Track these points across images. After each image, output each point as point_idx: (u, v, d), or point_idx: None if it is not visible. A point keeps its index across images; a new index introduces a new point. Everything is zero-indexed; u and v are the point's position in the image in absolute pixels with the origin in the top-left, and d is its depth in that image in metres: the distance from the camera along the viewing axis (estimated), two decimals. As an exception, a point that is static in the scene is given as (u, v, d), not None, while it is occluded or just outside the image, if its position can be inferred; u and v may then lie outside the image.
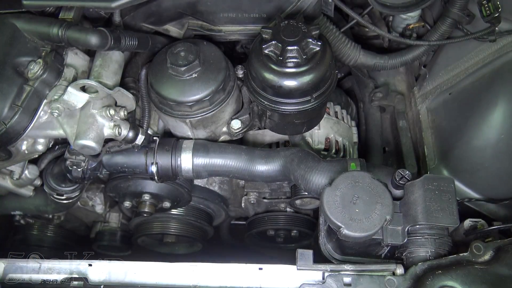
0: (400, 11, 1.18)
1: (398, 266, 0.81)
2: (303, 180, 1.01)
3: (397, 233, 0.82)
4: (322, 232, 0.94)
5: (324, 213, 0.81)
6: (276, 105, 1.01)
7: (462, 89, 1.27)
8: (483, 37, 1.15)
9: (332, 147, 1.26)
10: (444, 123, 1.34)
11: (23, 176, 1.20)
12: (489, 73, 1.18)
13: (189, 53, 1.05)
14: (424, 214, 0.80)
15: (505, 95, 1.12)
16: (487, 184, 1.21)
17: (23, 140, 1.06)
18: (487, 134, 1.16)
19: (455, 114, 1.29)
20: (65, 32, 0.98)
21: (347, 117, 1.38)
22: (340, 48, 1.28)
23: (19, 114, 0.96)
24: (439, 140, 1.34)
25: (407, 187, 0.85)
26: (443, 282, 0.75)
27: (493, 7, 1.09)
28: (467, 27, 1.20)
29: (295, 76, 0.95)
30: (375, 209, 0.79)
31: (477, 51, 1.22)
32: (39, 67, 0.98)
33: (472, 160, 1.22)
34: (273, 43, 0.93)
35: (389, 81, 1.57)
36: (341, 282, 0.79)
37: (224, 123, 1.17)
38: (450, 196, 0.82)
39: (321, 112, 1.17)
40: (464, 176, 1.23)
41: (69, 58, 1.06)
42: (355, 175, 0.84)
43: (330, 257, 0.93)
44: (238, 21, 1.21)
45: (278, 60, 0.95)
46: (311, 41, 0.93)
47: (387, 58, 1.34)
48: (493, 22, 1.10)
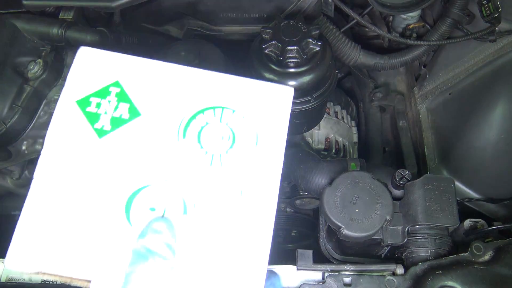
0: (400, 11, 1.18)
1: (398, 266, 0.81)
2: (303, 180, 1.01)
3: (397, 233, 0.82)
4: (322, 232, 0.94)
5: (324, 213, 0.81)
6: (276, 105, 1.01)
7: (462, 89, 1.27)
8: (483, 37, 1.15)
9: (332, 147, 1.26)
10: (444, 123, 1.34)
11: (23, 176, 1.20)
12: (489, 73, 1.18)
13: (189, 53, 1.05)
14: (424, 214, 0.80)
15: (505, 95, 1.12)
16: (487, 184, 1.21)
17: (23, 140, 1.06)
18: (487, 134, 1.16)
19: (455, 114, 1.29)
20: (65, 32, 0.98)
21: (347, 117, 1.38)
22: (340, 48, 1.28)
23: (19, 114, 0.96)
24: (439, 140, 1.34)
25: (407, 187, 0.85)
26: (443, 282, 0.75)
27: (493, 7, 1.09)
28: (467, 27, 1.20)
29: (295, 76, 0.95)
30: (375, 209, 0.79)
31: (477, 51, 1.22)
32: (39, 67, 0.98)
33: (472, 160, 1.22)
34: (273, 43, 0.93)
35: (389, 81, 1.57)
36: (341, 282, 0.79)
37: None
38: (450, 196, 0.82)
39: (321, 112, 1.17)
40: (464, 176, 1.23)
41: (69, 58, 1.06)
42: (355, 175, 0.84)
43: (330, 257, 0.93)
44: (238, 21, 1.21)
45: (278, 60, 0.95)
46: (311, 41, 0.93)
47: (387, 58, 1.34)
48: (493, 22, 1.10)
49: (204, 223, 0.58)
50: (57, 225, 0.56)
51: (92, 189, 0.58)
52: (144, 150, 0.60)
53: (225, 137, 0.62)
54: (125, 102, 0.62)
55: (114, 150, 0.60)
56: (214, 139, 0.62)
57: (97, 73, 0.63)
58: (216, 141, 0.62)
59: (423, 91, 1.42)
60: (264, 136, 0.63)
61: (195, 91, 0.64)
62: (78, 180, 0.58)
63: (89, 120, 0.61)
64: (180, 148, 0.61)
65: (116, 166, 0.59)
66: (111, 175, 0.59)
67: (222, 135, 0.62)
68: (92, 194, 0.58)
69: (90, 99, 0.62)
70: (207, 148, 0.61)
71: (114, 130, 0.61)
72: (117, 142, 0.60)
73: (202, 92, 0.64)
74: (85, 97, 0.62)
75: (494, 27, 1.11)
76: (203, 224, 0.58)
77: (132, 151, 0.60)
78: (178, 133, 0.62)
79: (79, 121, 0.61)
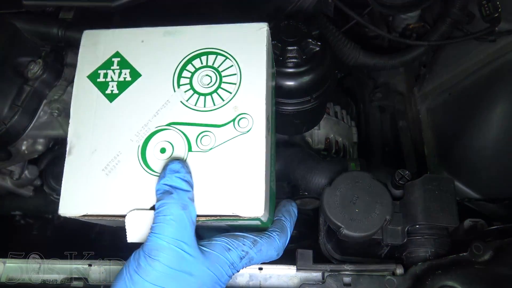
0: (400, 11, 1.18)
1: (398, 266, 0.81)
2: (303, 180, 1.01)
3: (397, 233, 0.82)
4: (322, 232, 0.94)
5: (324, 213, 0.81)
6: (276, 105, 1.01)
7: (462, 89, 1.27)
8: (483, 37, 1.15)
9: (332, 147, 1.26)
10: (444, 123, 1.34)
11: (23, 176, 1.20)
12: (489, 73, 1.18)
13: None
14: (424, 214, 0.80)
15: (505, 95, 1.12)
16: (487, 184, 1.21)
17: (23, 140, 1.06)
18: (487, 134, 1.16)
19: (455, 114, 1.29)
20: (65, 32, 0.98)
21: (347, 117, 1.38)
22: (340, 48, 1.28)
23: (19, 114, 0.97)
24: (439, 140, 1.34)
25: (407, 187, 0.85)
26: (443, 282, 0.75)
27: (493, 7, 1.09)
28: (467, 27, 1.20)
29: (295, 76, 0.95)
30: (375, 209, 0.79)
31: (477, 51, 1.22)
32: (39, 67, 0.98)
33: (472, 160, 1.22)
34: (273, 43, 0.93)
35: (389, 81, 1.57)
36: (341, 282, 0.79)
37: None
38: (450, 196, 0.82)
39: (321, 112, 1.17)
40: (464, 176, 1.23)
41: (69, 58, 1.06)
42: (355, 175, 0.84)
43: (330, 257, 0.93)
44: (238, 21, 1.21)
45: (278, 60, 0.95)
46: (311, 41, 0.93)
47: (387, 58, 1.34)
48: (493, 22, 1.10)
49: (207, 158, 0.68)
50: (92, 176, 0.69)
51: (111, 143, 0.70)
52: (148, 103, 0.71)
53: (213, 78, 0.72)
54: (127, 68, 0.74)
55: (124, 108, 0.72)
56: (204, 82, 0.72)
57: (100, 48, 0.76)
58: (206, 84, 0.72)
59: (423, 91, 1.42)
60: (247, 70, 0.72)
61: (181, 44, 0.74)
62: (99, 138, 0.71)
63: (100, 89, 0.73)
64: (177, 96, 0.71)
65: (127, 120, 0.71)
66: (125, 128, 0.71)
67: (210, 77, 0.72)
68: (112, 147, 0.70)
69: (98, 71, 0.74)
70: (200, 90, 0.71)
71: (122, 92, 0.73)
72: (126, 102, 0.72)
73: (187, 45, 0.74)
74: (93, 71, 0.74)
75: (494, 27, 1.12)
76: (207, 159, 0.68)
77: (139, 106, 0.71)
78: (173, 84, 0.72)
79: (92, 92, 0.73)
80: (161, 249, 0.59)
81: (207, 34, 0.75)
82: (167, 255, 0.59)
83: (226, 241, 0.65)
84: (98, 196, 0.68)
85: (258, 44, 0.73)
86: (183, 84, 0.72)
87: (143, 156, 0.68)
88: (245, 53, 0.73)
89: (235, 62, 0.72)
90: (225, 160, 0.67)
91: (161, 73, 0.73)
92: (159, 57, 0.74)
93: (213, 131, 0.69)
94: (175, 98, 0.71)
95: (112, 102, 0.72)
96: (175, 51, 0.74)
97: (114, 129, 0.71)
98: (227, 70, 0.72)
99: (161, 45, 0.75)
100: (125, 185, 0.67)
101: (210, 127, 0.69)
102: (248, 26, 0.75)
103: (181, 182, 0.63)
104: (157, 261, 0.58)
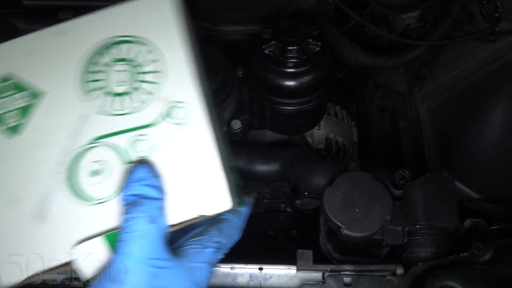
0: (400, 11, 1.18)
1: (398, 266, 0.81)
2: (303, 180, 1.01)
3: (397, 233, 0.82)
4: (322, 232, 0.94)
5: (324, 213, 0.81)
6: (276, 105, 1.01)
7: (462, 89, 1.27)
8: (483, 37, 1.15)
9: (332, 147, 1.26)
10: (444, 123, 1.34)
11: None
12: (489, 73, 1.18)
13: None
14: (424, 214, 0.80)
15: (505, 95, 1.12)
16: (487, 184, 1.21)
17: None
18: (487, 134, 1.16)
19: (455, 114, 1.29)
20: (65, 32, 0.97)
21: (347, 117, 1.38)
22: (340, 48, 1.28)
23: (19, 114, 0.96)
24: (439, 140, 1.34)
25: (407, 187, 0.85)
26: (443, 282, 0.75)
27: (493, 7, 1.09)
28: (468, 27, 1.20)
29: (295, 76, 0.95)
30: (375, 209, 0.79)
31: (477, 51, 1.22)
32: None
33: (472, 160, 1.22)
34: (273, 43, 0.93)
35: (389, 81, 1.57)
36: (341, 282, 0.79)
37: (224, 123, 1.17)
38: (450, 196, 0.82)
39: (321, 112, 1.17)
40: (464, 176, 1.23)
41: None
42: (355, 175, 0.84)
43: (330, 257, 0.93)
44: (238, 21, 1.21)
45: (278, 60, 0.95)
46: (311, 41, 0.93)
47: (387, 58, 1.34)
48: (493, 22, 1.10)
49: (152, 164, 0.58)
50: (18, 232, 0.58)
51: (30, 186, 0.58)
52: (60, 124, 0.59)
53: (128, 72, 0.61)
54: (24, 90, 0.61)
55: (38, 137, 0.59)
56: (118, 80, 0.60)
57: None
58: (121, 81, 0.60)
59: (423, 91, 1.42)
60: (167, 52, 0.61)
61: (77, 43, 0.62)
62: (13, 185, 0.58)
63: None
64: (89, 106, 0.60)
65: (43, 151, 0.59)
66: (42, 161, 0.59)
67: (125, 71, 0.61)
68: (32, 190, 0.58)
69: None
70: (116, 90, 0.60)
71: (30, 120, 0.60)
72: (36, 130, 0.60)
73: (85, 41, 0.62)
74: None
75: (494, 27, 1.11)
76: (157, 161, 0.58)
77: (52, 130, 0.59)
78: (81, 93, 0.60)
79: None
80: (129, 272, 0.52)
81: (106, 21, 0.62)
82: (137, 276, 0.52)
83: (196, 240, 0.60)
84: (33, 250, 0.57)
85: (166, 18, 0.62)
86: (92, 89, 0.60)
87: (73, 187, 0.57)
88: (158, 32, 0.61)
89: (150, 45, 0.61)
90: (173, 160, 0.58)
91: (63, 85, 0.60)
92: (56, 66, 0.61)
93: (148, 132, 0.59)
94: (87, 108, 0.59)
95: (21, 134, 0.59)
96: (72, 52, 0.61)
97: (29, 166, 0.58)
98: (142, 57, 0.61)
99: (55, 49, 0.62)
100: (62, 228, 0.57)
101: (142, 129, 0.59)
102: (150, 2, 0.62)
103: (148, 189, 0.55)
104: (125, 286, 0.52)
